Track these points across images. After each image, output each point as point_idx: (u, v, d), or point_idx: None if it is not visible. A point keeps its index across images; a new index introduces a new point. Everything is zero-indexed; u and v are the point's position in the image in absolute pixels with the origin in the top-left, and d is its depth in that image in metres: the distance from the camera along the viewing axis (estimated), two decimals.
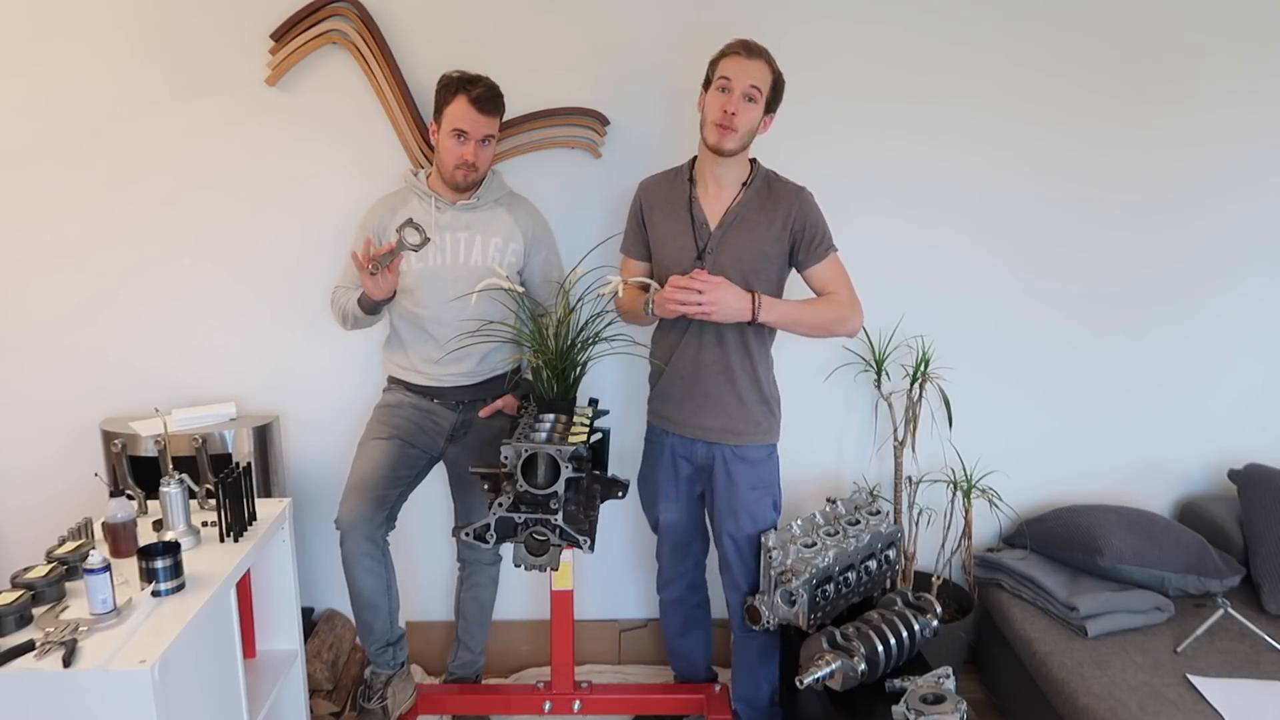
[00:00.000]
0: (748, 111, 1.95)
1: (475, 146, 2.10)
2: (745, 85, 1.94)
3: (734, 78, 1.94)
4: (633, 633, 2.75)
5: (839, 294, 2.07)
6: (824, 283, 2.08)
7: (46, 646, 1.43)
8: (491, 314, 2.17)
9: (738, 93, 1.94)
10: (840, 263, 2.09)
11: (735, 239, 2.03)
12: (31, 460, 2.52)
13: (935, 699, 1.77)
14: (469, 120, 2.07)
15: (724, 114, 1.94)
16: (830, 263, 2.07)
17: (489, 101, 2.09)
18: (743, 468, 2.11)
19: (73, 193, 2.39)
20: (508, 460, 1.86)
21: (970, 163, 2.47)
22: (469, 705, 2.42)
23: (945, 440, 2.59)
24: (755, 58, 1.96)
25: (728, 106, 1.94)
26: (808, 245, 2.04)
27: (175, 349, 2.50)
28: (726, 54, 1.97)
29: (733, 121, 1.94)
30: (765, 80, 1.96)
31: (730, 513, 2.13)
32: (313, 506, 2.55)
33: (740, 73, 1.94)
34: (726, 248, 2.03)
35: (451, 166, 2.12)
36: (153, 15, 2.31)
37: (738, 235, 2.03)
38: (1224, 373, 2.64)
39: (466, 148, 2.09)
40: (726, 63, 1.97)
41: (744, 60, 1.95)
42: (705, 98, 2.00)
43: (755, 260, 2.03)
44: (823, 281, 2.08)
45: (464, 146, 2.09)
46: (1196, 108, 2.47)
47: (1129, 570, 2.34)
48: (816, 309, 2.06)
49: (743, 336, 2.06)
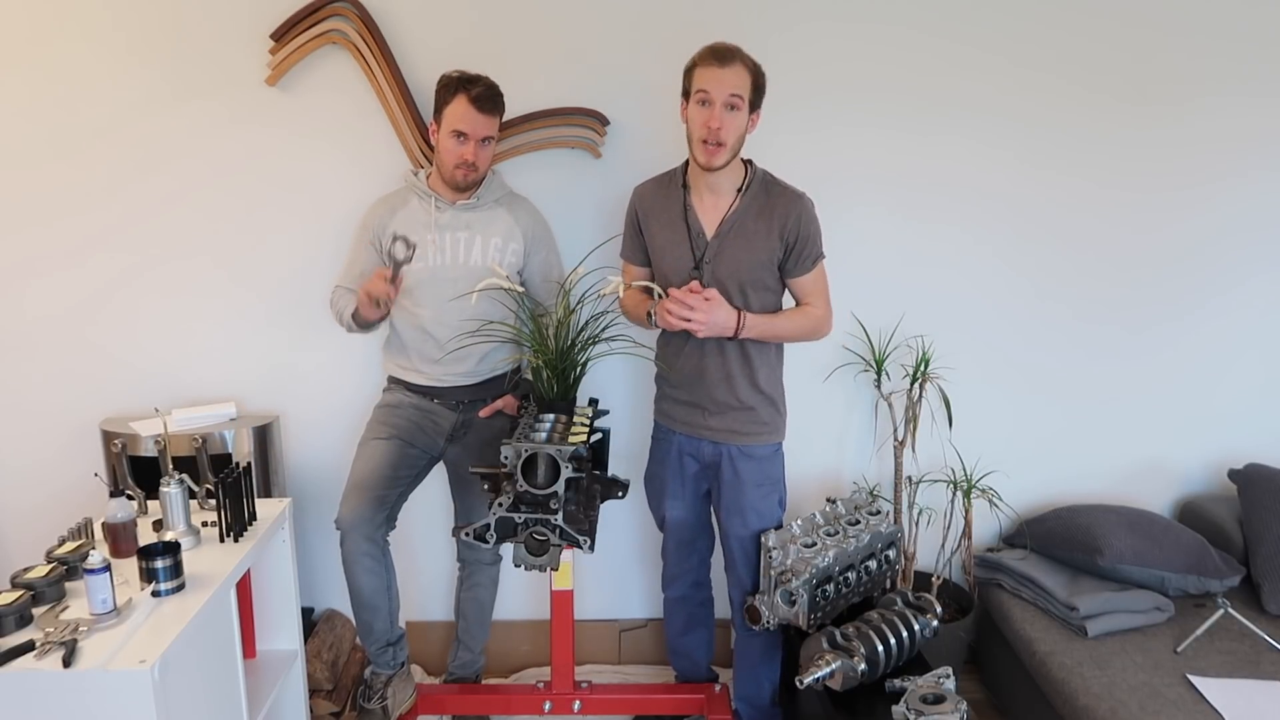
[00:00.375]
0: (733, 122, 1.90)
1: (475, 146, 2.10)
2: (725, 96, 1.89)
3: (712, 89, 1.88)
4: (633, 633, 2.75)
5: (815, 306, 2.09)
6: (805, 293, 2.09)
7: (46, 646, 1.43)
8: (491, 314, 2.17)
9: (719, 105, 1.89)
10: (823, 271, 2.09)
11: (732, 248, 2.01)
12: (32, 460, 2.52)
13: (935, 699, 1.77)
14: (469, 120, 2.07)
15: (709, 130, 1.89)
16: (815, 273, 2.07)
17: (489, 101, 2.09)
18: (749, 465, 2.12)
19: (73, 193, 2.39)
20: (508, 460, 1.87)
21: (970, 162, 2.47)
22: (469, 705, 2.42)
23: (945, 440, 2.59)
24: (729, 63, 1.88)
25: (711, 123, 1.89)
26: (798, 255, 2.03)
27: (175, 349, 2.50)
28: (699, 64, 1.91)
29: (719, 136, 1.90)
30: (744, 84, 1.90)
31: (737, 510, 2.14)
32: (313, 506, 2.55)
33: (717, 84, 1.88)
34: (724, 257, 2.01)
35: (451, 166, 2.12)
36: (153, 16, 2.31)
37: (735, 245, 2.01)
38: (1224, 372, 2.64)
39: (466, 148, 2.09)
40: (701, 74, 1.90)
41: (718, 70, 1.88)
42: (686, 109, 1.96)
43: (753, 269, 2.02)
44: (804, 291, 2.09)
45: (464, 146, 2.09)
46: (1197, 107, 2.47)
47: (1129, 570, 2.34)
48: (793, 322, 2.08)
49: (741, 344, 2.06)
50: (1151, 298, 2.58)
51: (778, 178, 2.07)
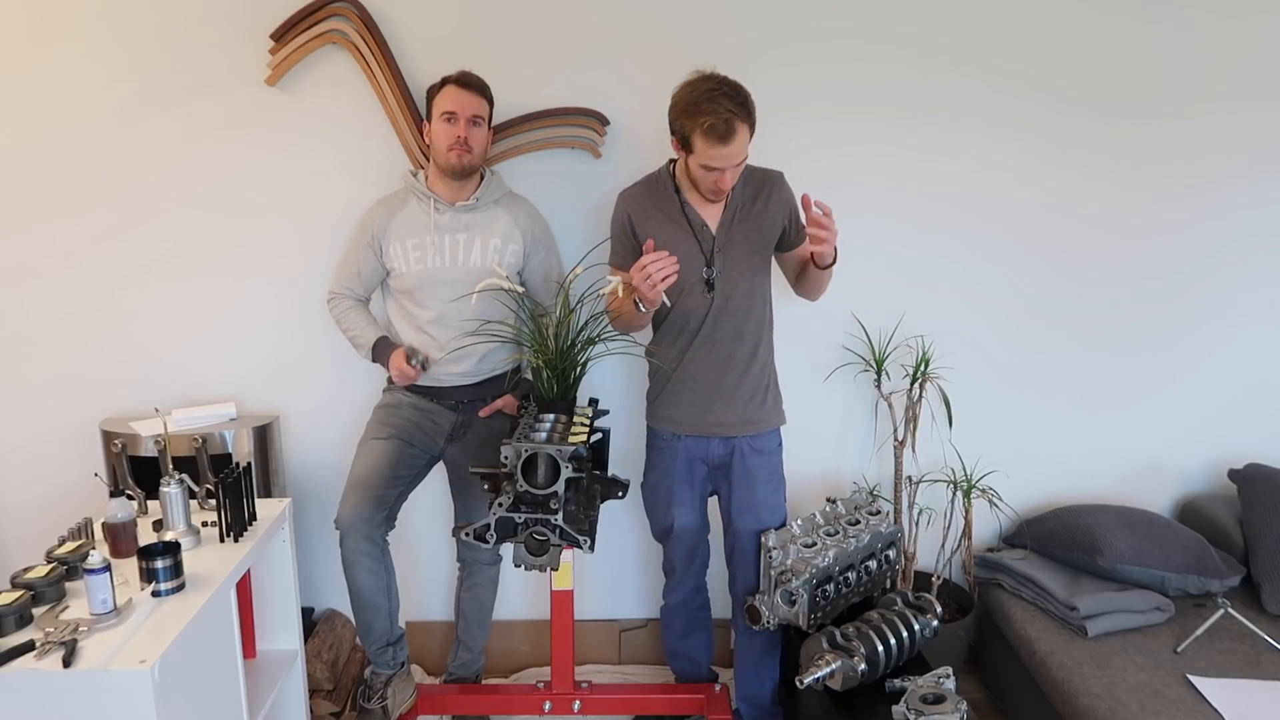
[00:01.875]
0: (739, 170, 1.95)
1: (466, 125, 2.12)
2: (735, 162, 1.90)
3: (722, 164, 1.88)
4: (633, 633, 2.75)
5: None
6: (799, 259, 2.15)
7: (46, 647, 1.43)
8: (491, 314, 2.17)
9: (729, 172, 1.92)
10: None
11: (742, 234, 2.06)
12: (32, 460, 2.52)
13: (935, 699, 1.77)
14: (455, 99, 2.11)
15: (719, 191, 1.96)
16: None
17: (473, 82, 2.15)
18: (759, 460, 2.15)
19: (74, 193, 2.39)
20: (508, 460, 1.87)
21: (970, 167, 2.48)
22: (469, 705, 2.42)
23: (945, 440, 2.59)
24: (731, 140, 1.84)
25: (721, 185, 1.93)
26: (795, 225, 2.12)
27: (175, 349, 2.50)
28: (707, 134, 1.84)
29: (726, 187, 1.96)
30: (747, 144, 1.90)
31: (750, 507, 2.15)
32: (313, 506, 2.55)
33: (727, 160, 1.88)
34: (735, 244, 2.05)
35: (445, 149, 2.13)
36: (153, 16, 2.31)
37: (744, 229, 2.06)
38: (1224, 372, 2.63)
39: (457, 126, 2.11)
40: (708, 154, 1.86)
41: (723, 149, 1.85)
42: (687, 158, 1.94)
43: (762, 250, 2.10)
44: (799, 258, 2.15)
45: (455, 126, 2.12)
46: (1196, 115, 2.47)
47: (1129, 570, 2.34)
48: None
49: (760, 327, 2.11)
50: (1152, 297, 2.58)
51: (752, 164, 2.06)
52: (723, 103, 1.83)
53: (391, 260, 2.22)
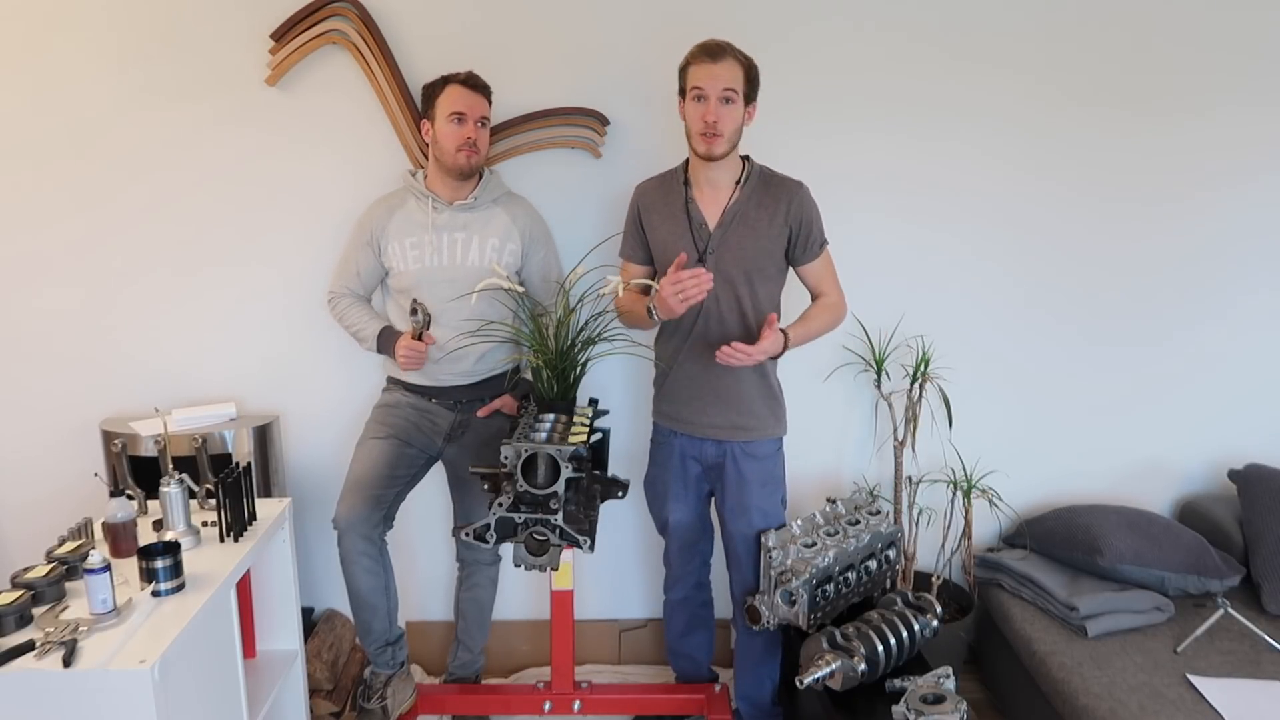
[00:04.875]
0: (728, 114, 1.95)
1: (474, 126, 2.12)
2: (718, 90, 1.93)
3: (705, 86, 1.93)
4: (633, 633, 2.75)
5: (830, 294, 2.14)
6: (818, 279, 2.13)
7: (46, 646, 1.43)
8: (490, 314, 2.17)
9: (713, 100, 1.93)
10: (830, 257, 2.13)
11: (737, 237, 2.03)
12: (32, 460, 2.52)
13: (935, 699, 1.77)
14: (464, 99, 2.11)
15: (705, 124, 1.94)
16: (823, 259, 2.12)
17: (478, 83, 2.15)
18: (752, 464, 2.13)
19: (74, 193, 2.39)
20: (508, 460, 1.86)
21: (970, 166, 2.47)
22: (469, 705, 2.42)
23: (945, 440, 2.59)
24: (721, 59, 1.93)
25: (707, 116, 1.94)
26: (804, 242, 2.07)
27: (175, 349, 2.50)
28: (692, 62, 1.96)
29: (715, 128, 1.94)
30: (738, 78, 1.95)
31: (741, 510, 2.14)
32: (313, 506, 2.55)
33: (710, 79, 1.93)
34: (728, 247, 2.04)
35: (454, 150, 2.12)
36: (152, 15, 2.31)
37: (739, 233, 2.04)
38: (1224, 373, 2.63)
39: (466, 127, 2.12)
40: (695, 72, 1.95)
41: (711, 66, 1.93)
42: (684, 106, 2.00)
43: (757, 257, 2.04)
44: (816, 278, 2.13)
45: (463, 127, 2.12)
46: (1197, 116, 2.47)
47: (1129, 570, 2.34)
48: (821, 320, 2.11)
49: (746, 336, 2.05)
50: (1152, 297, 2.58)
51: (774, 170, 2.10)
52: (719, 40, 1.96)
53: (390, 259, 2.22)
